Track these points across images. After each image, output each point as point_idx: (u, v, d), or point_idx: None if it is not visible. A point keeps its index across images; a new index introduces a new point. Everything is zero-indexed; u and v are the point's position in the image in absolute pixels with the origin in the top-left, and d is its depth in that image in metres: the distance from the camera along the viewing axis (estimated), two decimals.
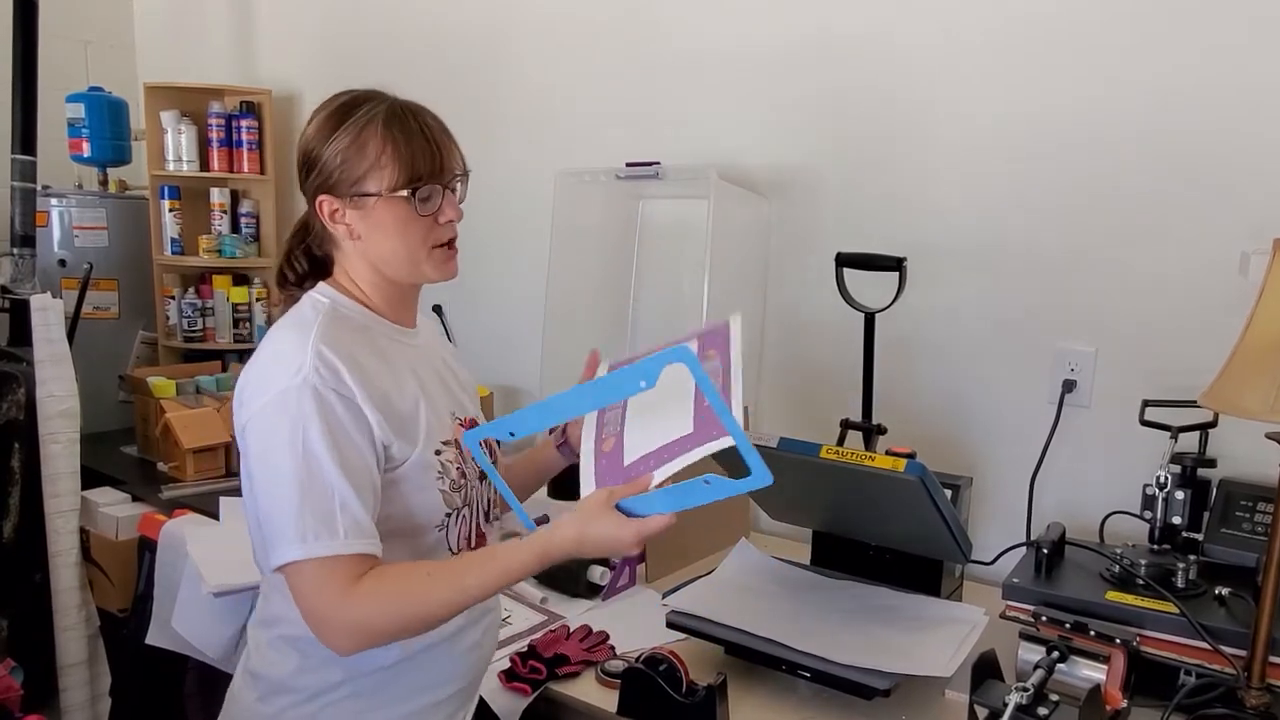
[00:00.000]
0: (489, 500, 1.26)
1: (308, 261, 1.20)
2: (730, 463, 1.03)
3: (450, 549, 1.18)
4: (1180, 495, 1.50)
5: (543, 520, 1.49)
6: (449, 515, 1.16)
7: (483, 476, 1.23)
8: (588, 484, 1.09)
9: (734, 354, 1.10)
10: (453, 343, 2.13)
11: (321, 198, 1.12)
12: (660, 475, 1.03)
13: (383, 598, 1.02)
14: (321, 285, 1.17)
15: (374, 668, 1.14)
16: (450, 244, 1.16)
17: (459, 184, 1.16)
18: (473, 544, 1.21)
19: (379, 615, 1.02)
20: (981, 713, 1.16)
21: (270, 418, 1.03)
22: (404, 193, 1.09)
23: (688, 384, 1.03)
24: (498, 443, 1.27)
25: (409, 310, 1.22)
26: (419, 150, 1.09)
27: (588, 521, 1.03)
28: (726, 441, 0.99)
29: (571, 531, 1.04)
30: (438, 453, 1.14)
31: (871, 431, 1.83)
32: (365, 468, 1.05)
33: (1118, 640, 1.26)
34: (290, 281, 1.20)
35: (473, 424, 1.24)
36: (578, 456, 1.18)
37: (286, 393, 1.02)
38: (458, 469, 1.17)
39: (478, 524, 1.22)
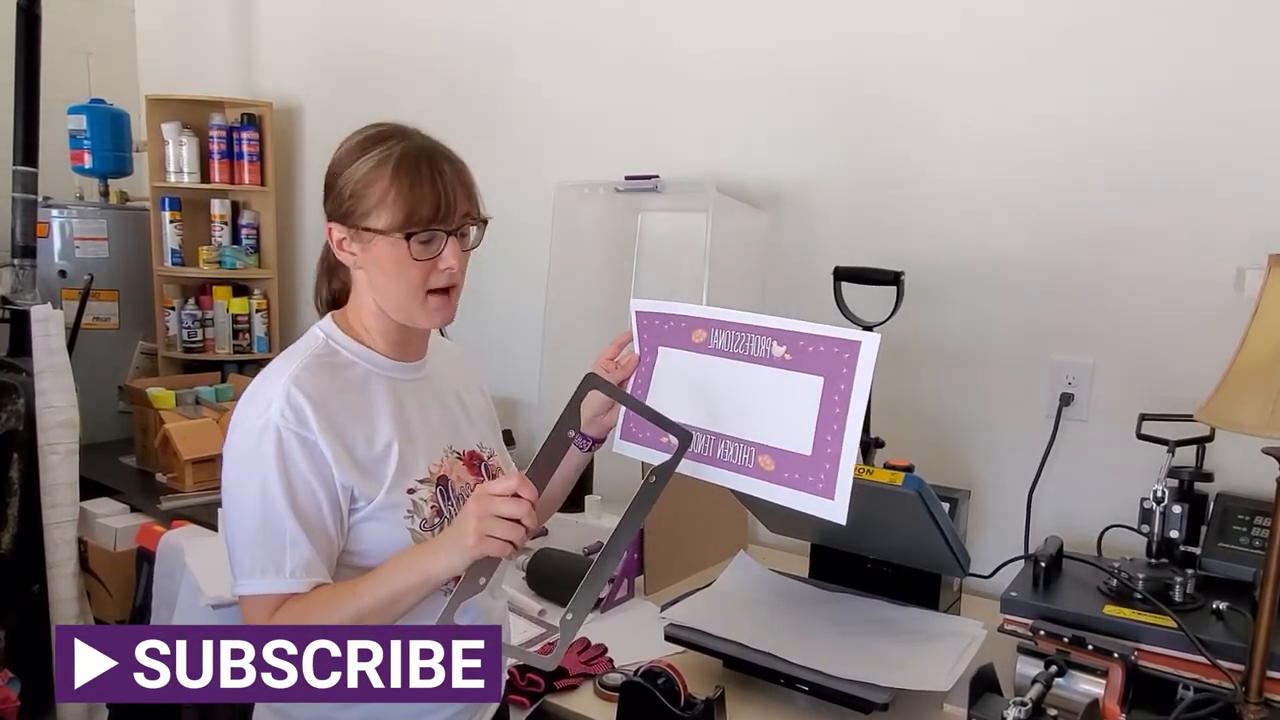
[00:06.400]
0: None
1: (333, 286, 1.22)
2: None
3: None
4: (1177, 509, 1.50)
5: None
6: None
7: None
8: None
9: (858, 382, 1.08)
10: None
11: (331, 225, 1.14)
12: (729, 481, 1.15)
13: (295, 616, 1.05)
14: (327, 317, 1.19)
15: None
16: (448, 291, 1.14)
17: (473, 230, 1.15)
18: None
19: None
20: None
21: (236, 452, 1.09)
22: (400, 235, 1.08)
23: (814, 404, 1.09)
24: (486, 457, 1.26)
25: (412, 345, 1.21)
26: (423, 196, 1.08)
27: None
28: (833, 511, 1.08)
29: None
30: (411, 491, 1.13)
31: (869, 445, 1.83)
32: (318, 509, 1.07)
33: (1116, 654, 1.26)
34: (320, 306, 1.23)
35: (474, 457, 1.24)
36: (597, 444, 1.26)
37: (251, 431, 1.07)
38: (432, 507, 1.15)
39: None
